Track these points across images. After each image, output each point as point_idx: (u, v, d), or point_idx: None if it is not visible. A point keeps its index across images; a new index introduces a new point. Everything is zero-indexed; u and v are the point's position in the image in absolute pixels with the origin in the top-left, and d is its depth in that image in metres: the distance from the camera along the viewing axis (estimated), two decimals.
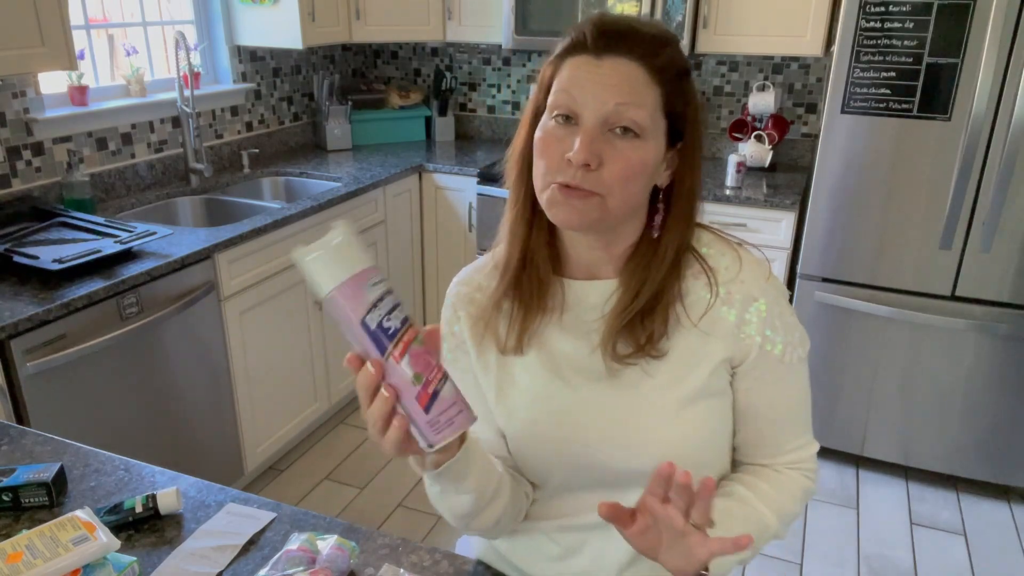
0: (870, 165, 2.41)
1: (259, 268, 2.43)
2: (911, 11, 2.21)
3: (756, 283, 0.88)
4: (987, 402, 2.50)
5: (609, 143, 0.79)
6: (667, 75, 0.80)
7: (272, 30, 3.00)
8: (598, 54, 0.79)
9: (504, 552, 1.04)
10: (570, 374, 0.90)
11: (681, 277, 0.88)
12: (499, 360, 0.94)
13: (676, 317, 0.87)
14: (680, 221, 0.87)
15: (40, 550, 0.91)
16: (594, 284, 0.90)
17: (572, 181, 0.79)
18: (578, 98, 0.79)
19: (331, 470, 2.75)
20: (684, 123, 0.84)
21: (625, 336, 0.86)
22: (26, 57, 1.96)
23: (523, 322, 0.91)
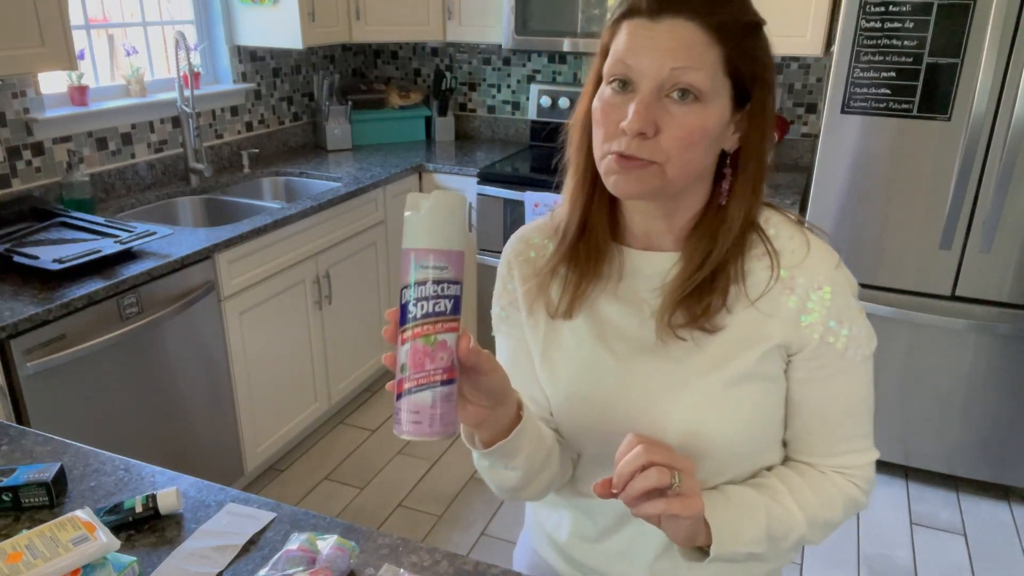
0: (870, 165, 2.41)
1: (259, 268, 2.43)
2: (911, 11, 2.21)
3: (823, 270, 0.83)
4: (987, 402, 2.50)
5: (666, 109, 0.76)
6: (729, 33, 0.76)
7: (272, 30, 3.00)
8: (653, 16, 0.75)
9: (550, 531, 1.04)
10: (616, 343, 0.88)
11: (744, 256, 0.84)
12: (548, 322, 0.92)
13: (736, 294, 0.84)
14: (747, 188, 0.82)
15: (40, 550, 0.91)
16: (652, 255, 0.87)
17: (627, 150, 0.76)
18: (633, 64, 0.76)
19: (331, 470, 2.74)
20: (752, 83, 0.79)
21: (681, 307, 0.83)
22: (26, 57, 1.95)
23: (576, 288, 0.89)
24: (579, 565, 1.01)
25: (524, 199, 2.97)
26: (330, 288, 2.80)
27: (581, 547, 1.00)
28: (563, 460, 0.94)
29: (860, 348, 0.85)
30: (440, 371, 0.64)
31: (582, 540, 0.99)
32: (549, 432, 0.91)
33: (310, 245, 2.65)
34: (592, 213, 0.87)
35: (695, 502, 0.73)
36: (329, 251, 2.76)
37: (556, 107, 3.45)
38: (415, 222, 0.63)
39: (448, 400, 0.65)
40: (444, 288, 0.63)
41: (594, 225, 0.88)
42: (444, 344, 0.64)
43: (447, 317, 0.64)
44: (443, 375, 0.64)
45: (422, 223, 0.63)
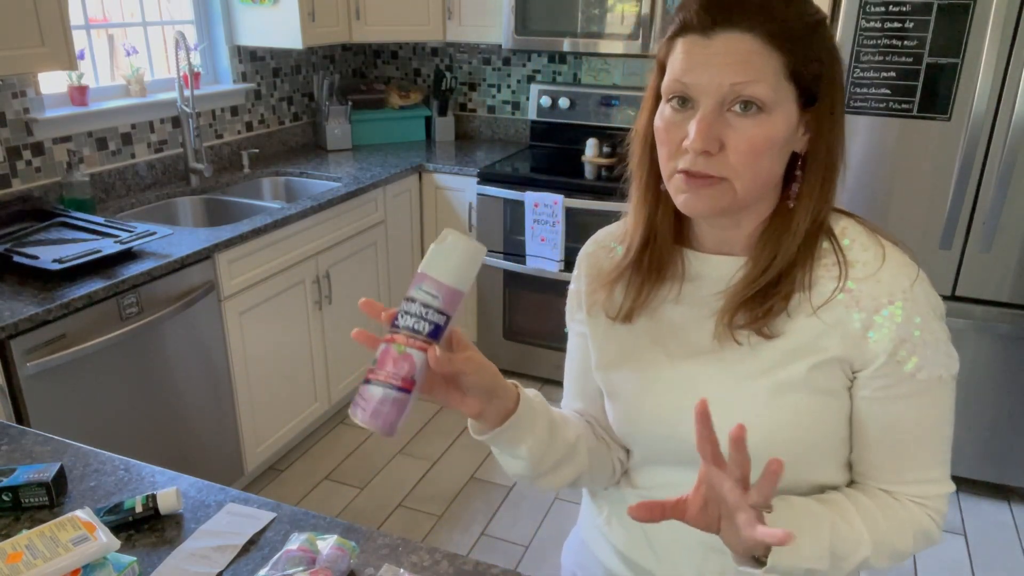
0: (870, 165, 2.41)
1: (259, 268, 2.43)
2: (911, 11, 2.21)
3: (896, 285, 0.80)
4: (987, 402, 2.50)
5: (728, 124, 0.75)
6: (788, 37, 0.74)
7: (272, 30, 3.00)
8: (706, 31, 0.74)
9: (600, 525, 1.04)
10: (673, 346, 0.88)
11: (813, 265, 0.82)
12: (608, 324, 0.93)
13: (799, 302, 0.81)
14: (814, 189, 0.80)
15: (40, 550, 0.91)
16: (720, 259, 0.86)
17: (693, 168, 0.76)
18: (691, 82, 0.75)
19: (331, 470, 2.74)
20: (816, 82, 0.77)
21: (744, 309, 0.82)
22: (26, 57, 1.95)
23: (638, 294, 0.89)
24: (628, 561, 1.00)
25: (524, 199, 2.97)
26: (330, 288, 2.80)
27: (629, 543, 0.99)
28: (602, 460, 0.95)
29: (935, 369, 0.81)
30: (398, 377, 0.70)
31: (628, 532, 0.98)
32: (576, 430, 0.92)
33: (310, 245, 2.65)
34: (657, 224, 0.87)
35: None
36: (329, 251, 2.76)
37: (556, 107, 3.45)
38: (434, 252, 0.71)
39: (395, 404, 0.70)
40: (429, 313, 0.70)
41: (659, 236, 0.88)
42: (410, 357, 0.70)
43: (422, 337, 0.70)
44: (400, 382, 0.70)
45: (436, 255, 0.71)
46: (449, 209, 3.28)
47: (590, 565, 1.06)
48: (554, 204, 2.90)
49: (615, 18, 2.96)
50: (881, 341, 0.79)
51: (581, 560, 1.09)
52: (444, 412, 3.07)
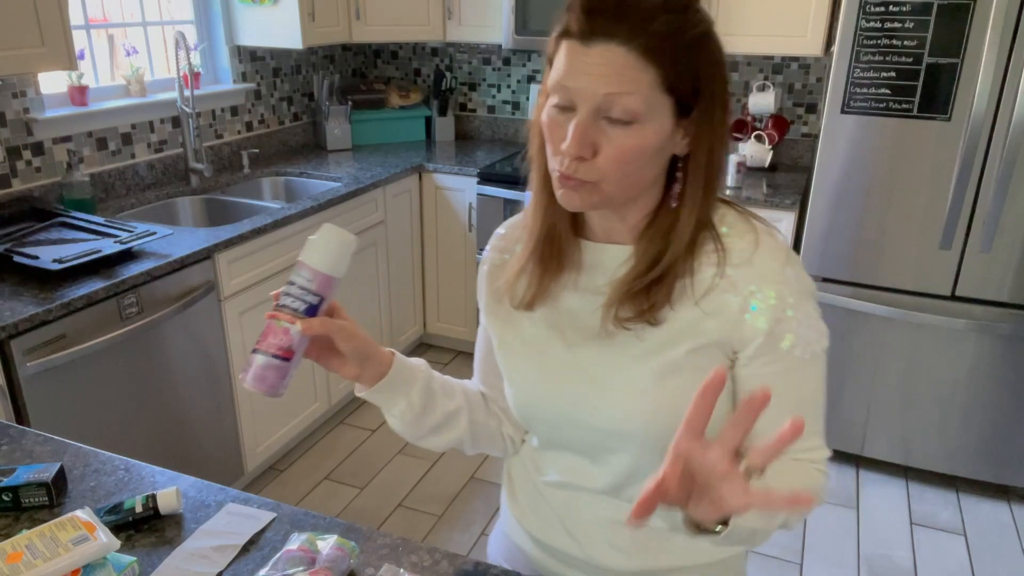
0: (870, 165, 2.41)
1: (259, 268, 2.43)
2: (911, 11, 2.21)
3: (768, 269, 0.85)
4: (987, 402, 2.50)
5: (603, 131, 0.78)
6: (664, 51, 0.76)
7: (272, 30, 3.00)
8: (585, 40, 0.76)
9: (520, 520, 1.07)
10: (570, 332, 0.92)
11: (695, 253, 0.86)
12: (510, 312, 0.97)
13: (682, 289, 0.86)
14: (697, 192, 0.84)
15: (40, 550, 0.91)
16: (609, 248, 0.91)
17: (567, 171, 0.80)
18: (570, 87, 0.78)
19: (331, 470, 2.74)
20: (694, 95, 0.79)
21: (629, 302, 0.87)
22: (26, 57, 1.95)
23: (539, 283, 0.93)
24: (545, 547, 1.03)
25: (524, 199, 2.96)
26: None
27: (545, 530, 1.02)
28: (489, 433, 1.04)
29: (809, 346, 0.86)
30: (276, 347, 0.82)
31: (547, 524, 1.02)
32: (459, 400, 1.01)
33: None
34: (555, 212, 0.90)
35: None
36: None
37: None
38: (310, 243, 0.83)
39: (277, 370, 0.82)
40: (305, 295, 0.82)
41: (557, 224, 0.91)
42: (287, 331, 0.82)
43: (296, 313, 0.82)
44: (277, 350, 0.82)
45: (312, 246, 0.83)
46: (449, 209, 3.28)
47: (514, 555, 1.10)
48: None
49: None
50: (758, 322, 0.84)
51: (505, 551, 1.13)
52: None
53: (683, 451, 0.69)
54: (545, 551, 1.04)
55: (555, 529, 1.01)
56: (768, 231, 0.89)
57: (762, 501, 0.65)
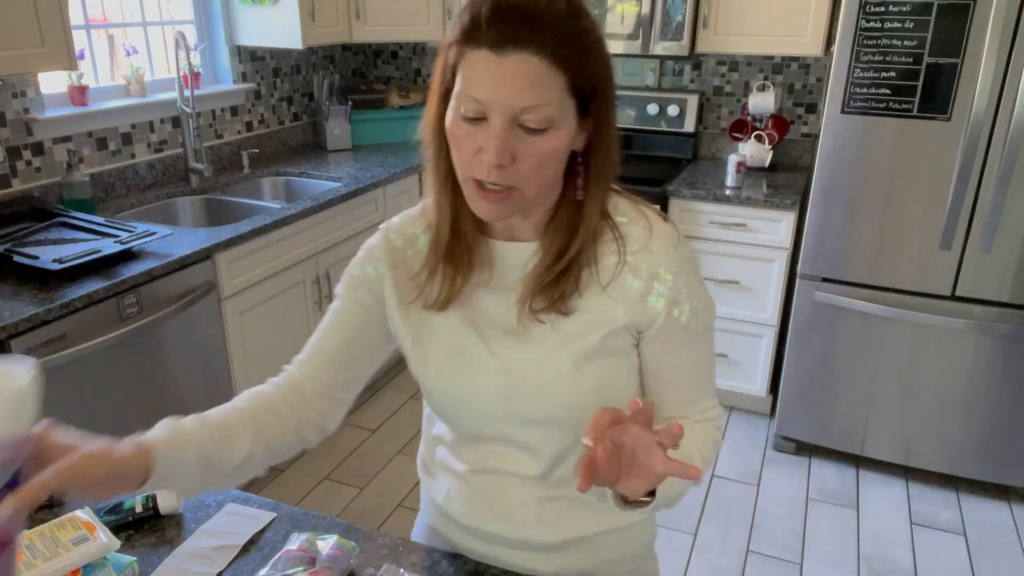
0: (870, 165, 2.41)
1: (259, 268, 2.43)
2: (911, 11, 2.21)
3: (664, 252, 0.90)
4: (987, 402, 2.50)
5: (520, 139, 0.80)
6: (572, 57, 0.78)
7: (272, 30, 3.00)
8: (497, 50, 0.77)
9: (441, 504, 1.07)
10: (486, 329, 0.94)
11: (596, 243, 0.91)
12: (421, 313, 0.97)
13: (589, 278, 0.90)
14: (600, 184, 0.89)
15: (40, 550, 0.91)
16: (514, 246, 0.93)
17: (488, 180, 0.81)
18: (483, 99, 0.78)
19: (331, 470, 2.75)
20: (593, 94, 0.83)
21: (541, 294, 0.90)
22: (26, 57, 1.95)
23: (452, 284, 0.94)
24: (472, 531, 1.04)
25: None
26: (330, 288, 2.79)
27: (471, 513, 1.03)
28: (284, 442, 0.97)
29: (701, 318, 0.93)
30: None
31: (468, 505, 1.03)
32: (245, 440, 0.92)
33: (310, 245, 2.65)
34: (458, 215, 0.91)
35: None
36: (329, 251, 2.76)
37: None
38: None
39: None
40: None
41: (463, 225, 0.92)
42: None
43: None
44: None
45: None
46: None
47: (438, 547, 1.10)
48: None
49: (615, 18, 2.96)
50: (659, 304, 0.90)
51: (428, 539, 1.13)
52: None
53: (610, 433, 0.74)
54: (471, 534, 1.05)
55: (483, 513, 1.02)
56: (658, 216, 0.94)
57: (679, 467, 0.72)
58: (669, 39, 2.90)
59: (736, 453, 2.87)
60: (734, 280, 2.89)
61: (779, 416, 2.82)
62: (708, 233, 2.87)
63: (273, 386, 1.02)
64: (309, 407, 1.01)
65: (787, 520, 2.51)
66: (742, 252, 2.85)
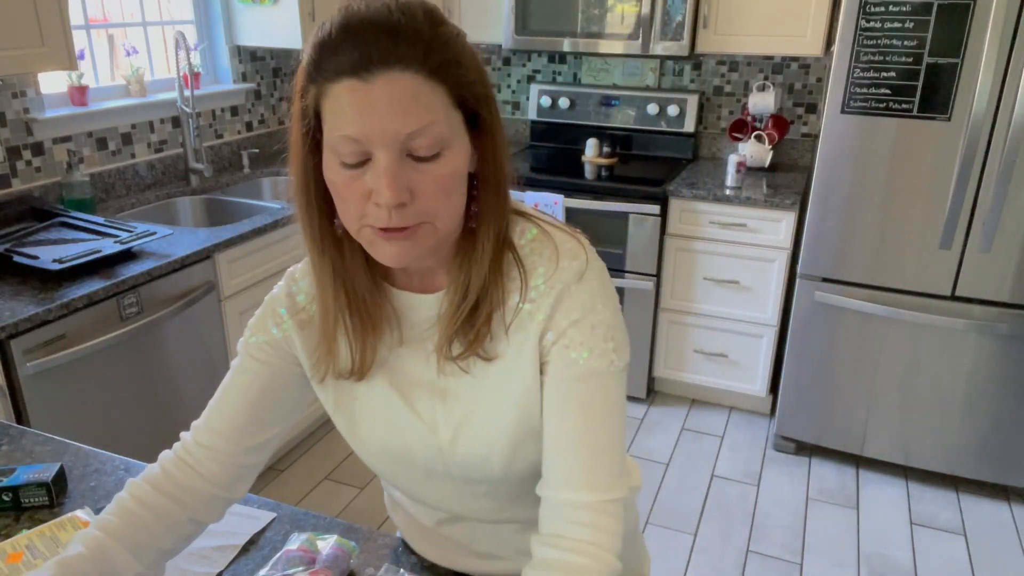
0: (870, 165, 2.41)
1: (259, 268, 2.43)
2: (911, 11, 2.21)
3: (566, 280, 0.78)
4: (987, 402, 2.50)
5: (415, 169, 0.70)
6: (445, 66, 0.69)
7: (272, 30, 3.00)
8: (361, 75, 0.67)
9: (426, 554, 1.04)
10: (408, 389, 0.85)
11: (501, 281, 0.80)
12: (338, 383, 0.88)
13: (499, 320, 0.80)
14: (490, 206, 0.78)
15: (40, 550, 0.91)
16: (427, 297, 0.83)
17: (390, 223, 0.70)
18: (360, 136, 0.68)
19: (331, 470, 2.74)
20: (477, 102, 0.74)
21: (458, 337, 0.80)
22: (26, 57, 1.96)
23: (363, 355, 0.84)
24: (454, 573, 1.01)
25: (524, 199, 2.97)
26: None
27: (448, 557, 1.00)
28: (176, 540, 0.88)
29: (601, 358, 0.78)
30: None
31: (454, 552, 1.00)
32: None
33: None
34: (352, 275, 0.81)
35: None
36: None
37: (556, 107, 3.45)
38: None
39: None
40: None
41: (358, 287, 0.81)
42: None
43: None
44: None
45: None
46: None
47: None
48: (554, 204, 2.90)
49: (615, 18, 2.96)
50: (554, 338, 0.78)
51: None
52: None
53: None
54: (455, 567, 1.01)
55: (465, 557, 0.99)
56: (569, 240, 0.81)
57: None
58: (669, 39, 2.90)
59: (736, 453, 2.87)
60: (734, 280, 2.89)
61: (779, 416, 2.82)
62: (708, 233, 2.87)
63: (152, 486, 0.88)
64: (201, 491, 0.89)
65: (787, 520, 2.51)
66: (742, 252, 2.85)
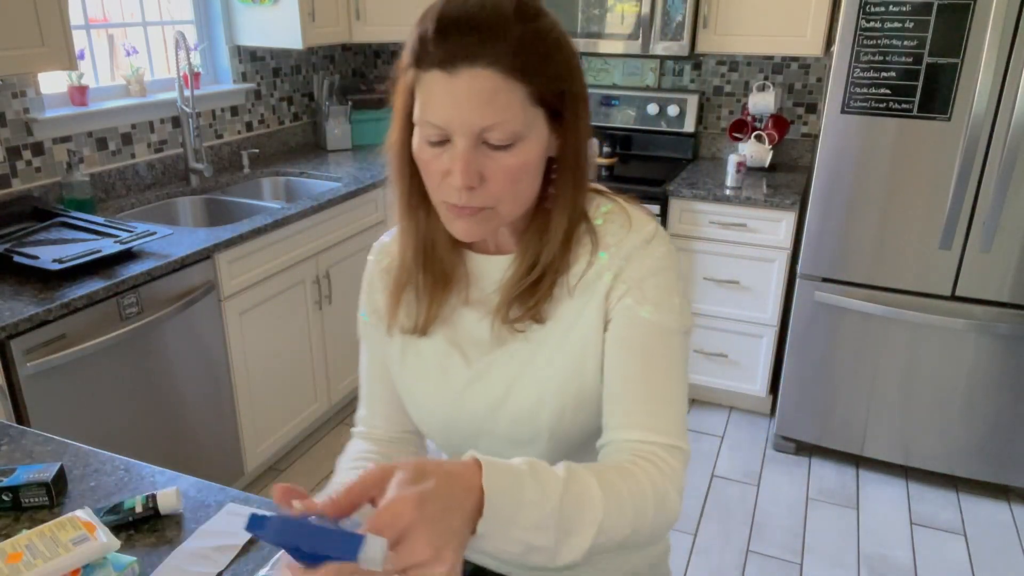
0: (870, 165, 2.41)
1: (259, 268, 2.43)
2: (911, 11, 2.21)
3: (635, 243, 0.85)
4: (987, 402, 2.50)
5: (487, 156, 0.77)
6: (529, 65, 0.74)
7: (272, 30, 3.00)
8: (448, 68, 0.73)
9: None
10: (468, 348, 0.92)
11: (571, 249, 0.87)
12: (404, 338, 0.95)
13: (561, 286, 0.87)
14: (568, 189, 0.84)
15: (40, 550, 0.91)
16: (495, 259, 0.91)
17: (459, 202, 0.78)
18: (442, 122, 0.75)
19: (331, 470, 2.74)
20: (562, 99, 0.79)
21: (516, 303, 0.87)
22: (26, 57, 1.95)
23: (429, 307, 0.91)
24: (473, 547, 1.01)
25: None
26: (330, 288, 2.80)
27: None
28: None
29: (666, 320, 0.84)
30: None
31: None
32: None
33: (310, 245, 2.65)
34: (428, 233, 0.89)
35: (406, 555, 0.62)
36: (329, 251, 2.76)
37: None
38: None
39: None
40: None
41: (435, 243, 0.90)
42: None
43: None
44: None
45: None
46: None
47: None
48: None
49: (615, 18, 2.96)
50: (621, 294, 0.85)
51: None
52: None
53: None
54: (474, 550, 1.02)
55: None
56: (642, 213, 0.89)
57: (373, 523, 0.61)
58: (669, 39, 2.90)
59: (736, 453, 2.87)
60: (734, 280, 2.89)
61: (779, 416, 2.82)
62: (708, 233, 2.87)
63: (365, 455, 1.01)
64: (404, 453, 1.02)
65: (787, 520, 2.51)
66: (742, 252, 2.85)
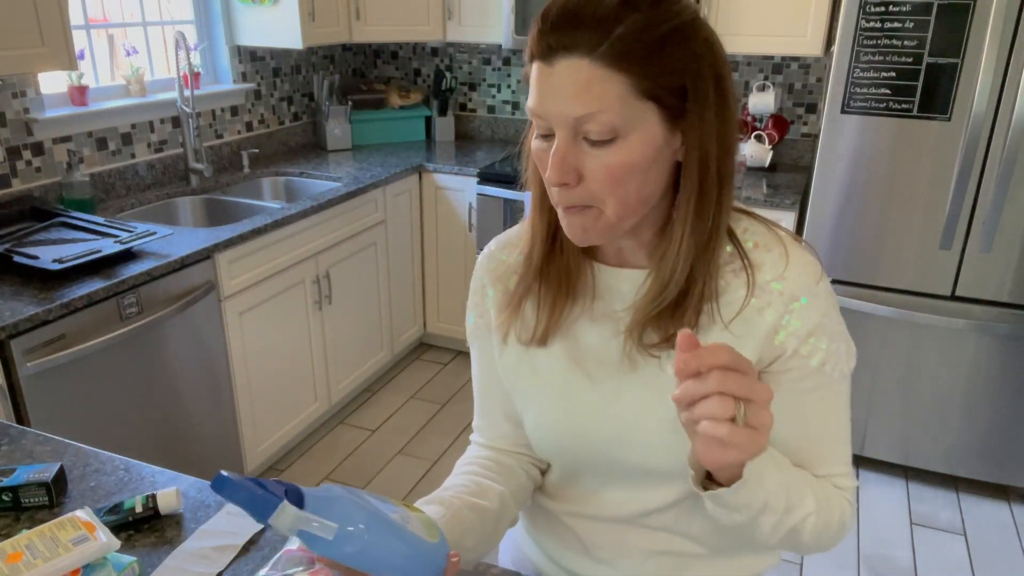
0: (870, 165, 2.41)
1: (259, 268, 2.43)
2: (911, 11, 2.21)
3: (802, 283, 0.79)
4: (987, 402, 2.50)
5: (585, 152, 0.72)
6: (631, 54, 0.68)
7: (272, 30, 3.00)
8: (547, 59, 0.71)
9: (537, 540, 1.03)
10: (592, 366, 0.85)
11: (718, 273, 0.79)
12: (521, 349, 0.89)
13: (709, 315, 0.79)
14: (691, 200, 0.75)
15: (40, 550, 0.91)
16: (626, 272, 0.84)
17: (560, 201, 0.75)
18: (542, 113, 0.72)
19: (331, 470, 2.74)
20: (680, 95, 0.71)
21: (652, 326, 0.80)
22: (26, 57, 1.95)
23: (551, 314, 0.85)
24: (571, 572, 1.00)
25: (524, 199, 2.97)
26: (330, 288, 2.80)
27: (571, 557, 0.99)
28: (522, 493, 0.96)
29: (839, 364, 0.81)
30: None
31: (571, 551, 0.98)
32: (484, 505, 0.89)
33: (310, 245, 2.65)
34: (559, 233, 0.83)
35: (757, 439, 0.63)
36: (329, 251, 2.76)
37: None
38: None
39: None
40: None
41: (564, 247, 0.84)
42: None
43: None
44: None
45: None
46: (449, 209, 3.28)
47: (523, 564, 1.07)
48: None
49: None
50: (789, 339, 0.79)
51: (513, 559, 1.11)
52: (443, 412, 3.07)
53: None
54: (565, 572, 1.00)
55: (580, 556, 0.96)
56: (795, 243, 0.82)
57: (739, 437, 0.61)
58: None
59: None
60: None
61: None
62: None
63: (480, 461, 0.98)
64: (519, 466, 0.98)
65: None
66: None
